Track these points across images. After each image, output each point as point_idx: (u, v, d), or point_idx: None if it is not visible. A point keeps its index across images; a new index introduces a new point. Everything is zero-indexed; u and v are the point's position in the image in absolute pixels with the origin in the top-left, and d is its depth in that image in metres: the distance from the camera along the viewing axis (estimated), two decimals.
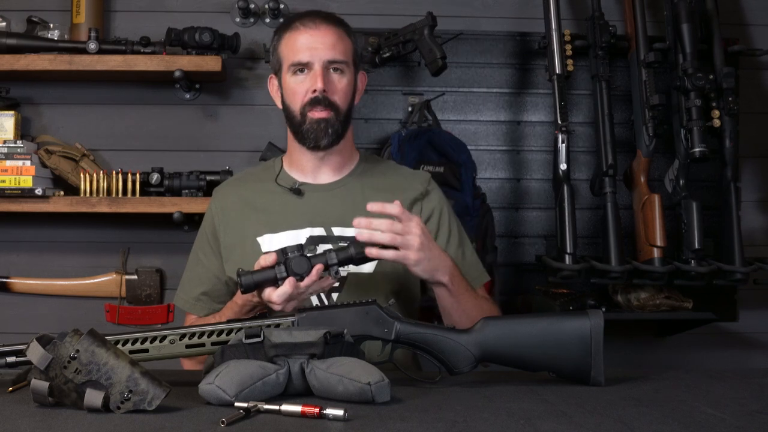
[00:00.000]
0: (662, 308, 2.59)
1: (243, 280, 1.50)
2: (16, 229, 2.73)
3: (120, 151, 2.75)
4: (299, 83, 1.75)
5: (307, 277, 1.50)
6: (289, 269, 1.50)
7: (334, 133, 1.75)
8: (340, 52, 1.76)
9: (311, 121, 1.74)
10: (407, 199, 1.81)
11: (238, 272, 1.52)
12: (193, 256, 1.90)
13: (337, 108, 1.75)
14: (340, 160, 1.83)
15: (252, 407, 1.15)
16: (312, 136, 1.75)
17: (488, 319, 1.43)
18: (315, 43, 1.74)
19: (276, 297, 1.50)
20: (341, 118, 1.76)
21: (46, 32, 2.65)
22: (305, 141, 1.77)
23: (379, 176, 1.87)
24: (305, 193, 1.82)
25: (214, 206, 1.88)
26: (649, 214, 2.50)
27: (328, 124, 1.74)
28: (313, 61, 1.74)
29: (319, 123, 1.74)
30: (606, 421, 1.14)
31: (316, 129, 1.74)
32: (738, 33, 2.83)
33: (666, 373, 1.55)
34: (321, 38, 1.75)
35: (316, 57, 1.73)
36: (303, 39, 1.75)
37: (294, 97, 1.76)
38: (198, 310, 1.85)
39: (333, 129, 1.75)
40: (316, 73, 1.73)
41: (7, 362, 1.34)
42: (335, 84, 1.75)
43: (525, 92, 2.81)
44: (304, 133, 1.76)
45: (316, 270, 1.51)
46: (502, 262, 2.73)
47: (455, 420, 1.14)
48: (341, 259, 1.52)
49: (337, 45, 1.75)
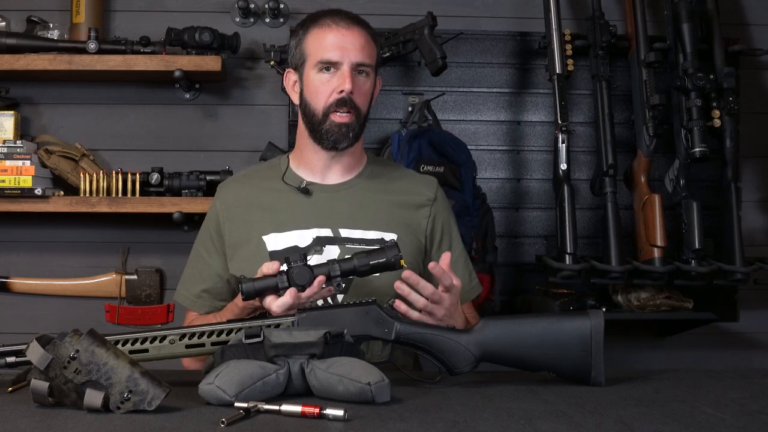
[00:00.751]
0: (662, 308, 2.59)
1: (244, 288, 1.50)
2: (15, 229, 2.73)
3: (120, 151, 2.75)
4: (324, 82, 1.74)
5: (309, 288, 1.49)
6: (291, 279, 1.49)
7: (354, 136, 1.76)
8: (368, 55, 1.76)
9: (332, 123, 1.74)
10: (414, 204, 1.83)
11: (239, 279, 1.52)
12: (194, 252, 1.88)
13: (359, 111, 1.75)
14: (350, 162, 1.83)
15: (252, 407, 1.15)
16: (332, 138, 1.75)
17: (488, 319, 1.44)
18: (345, 43, 1.74)
19: (276, 307, 1.49)
20: (361, 122, 1.77)
21: (45, 32, 2.65)
22: (322, 141, 1.77)
23: (387, 179, 1.87)
24: (313, 192, 1.81)
25: (219, 203, 1.87)
26: (650, 214, 2.50)
27: (349, 128, 1.74)
28: (342, 62, 1.73)
29: (340, 127, 1.74)
30: (606, 422, 1.14)
31: (336, 132, 1.74)
32: (738, 33, 2.83)
33: (666, 373, 1.55)
34: (351, 39, 1.74)
35: (346, 57, 1.73)
36: (333, 37, 1.74)
37: (317, 95, 1.75)
38: (199, 307, 1.84)
39: (353, 133, 1.75)
40: (344, 74, 1.72)
41: (7, 362, 1.34)
42: (360, 86, 1.75)
43: (525, 92, 2.81)
44: (323, 133, 1.75)
45: (318, 282, 1.50)
46: (502, 262, 2.72)
47: (455, 420, 1.14)
48: (344, 270, 1.51)
49: (365, 48, 1.75)
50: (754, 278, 2.57)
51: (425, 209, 1.84)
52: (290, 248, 1.75)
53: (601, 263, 2.46)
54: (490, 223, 2.58)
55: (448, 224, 1.87)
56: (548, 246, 2.73)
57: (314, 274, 1.50)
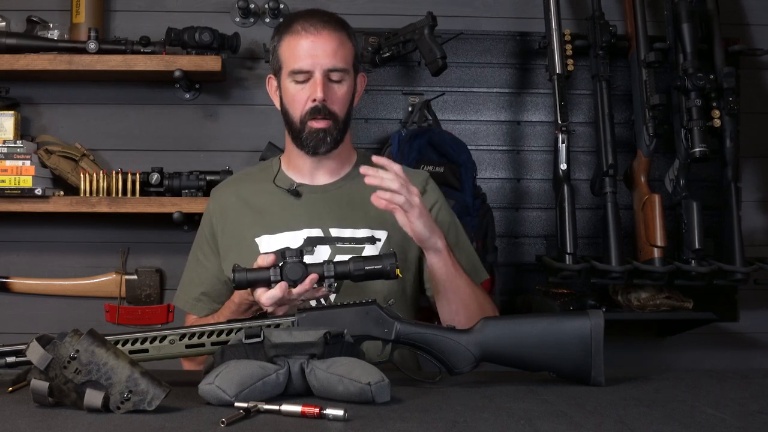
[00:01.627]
0: (662, 308, 2.59)
1: (236, 276, 1.50)
2: (15, 229, 2.73)
3: (120, 151, 2.75)
4: (299, 91, 1.75)
5: (300, 285, 1.49)
6: (284, 274, 1.49)
7: (333, 141, 1.76)
8: (341, 59, 1.75)
9: (310, 130, 1.75)
10: None
11: (233, 267, 1.52)
12: (192, 256, 1.90)
13: (336, 117, 1.75)
14: (337, 163, 1.84)
15: (252, 407, 1.15)
16: (311, 144, 1.76)
17: (488, 319, 1.44)
18: (316, 50, 1.73)
19: (265, 299, 1.49)
20: (340, 126, 1.77)
21: (45, 32, 2.65)
22: (303, 147, 1.78)
23: None
24: (303, 194, 1.82)
25: (212, 206, 1.88)
26: (650, 214, 2.50)
27: (327, 133, 1.75)
28: (313, 69, 1.73)
29: (318, 132, 1.74)
30: (606, 421, 1.14)
31: (315, 138, 1.75)
32: (738, 33, 2.83)
33: (666, 373, 1.55)
34: (322, 45, 1.73)
35: (317, 65, 1.73)
36: (304, 45, 1.73)
37: (293, 105, 1.76)
38: (198, 310, 1.85)
39: (332, 137, 1.76)
40: (316, 82, 1.73)
41: (7, 362, 1.34)
42: (335, 93, 1.75)
43: (525, 92, 2.81)
44: (303, 139, 1.76)
45: (310, 279, 1.49)
46: (502, 262, 2.72)
47: (455, 420, 1.14)
48: (338, 272, 1.50)
49: (338, 51, 1.75)
50: (754, 278, 2.57)
51: None
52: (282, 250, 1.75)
53: (601, 263, 2.46)
54: (490, 223, 2.58)
55: (441, 211, 1.83)
56: (548, 246, 2.73)
57: (307, 272, 1.50)
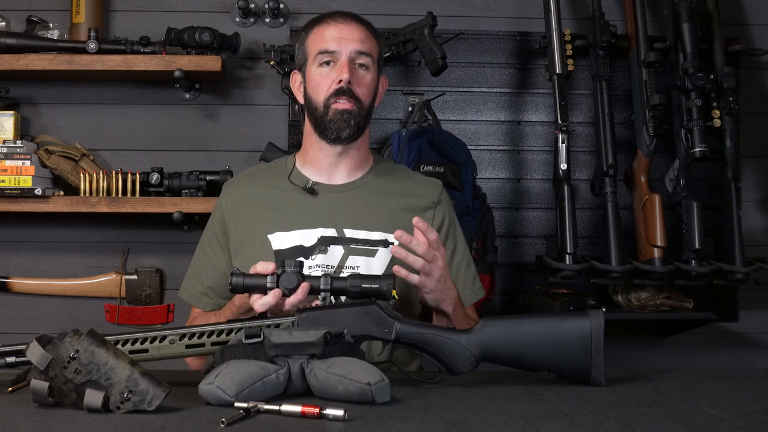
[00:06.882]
0: (663, 308, 2.59)
1: (233, 280, 1.50)
2: (16, 229, 2.73)
3: (120, 151, 2.75)
4: (324, 75, 1.76)
5: (293, 295, 1.47)
6: (279, 282, 1.49)
7: (356, 125, 1.76)
8: (368, 47, 1.78)
9: (334, 111, 1.75)
10: (419, 206, 1.83)
11: (231, 271, 1.52)
12: (200, 249, 1.89)
13: (361, 102, 1.76)
14: (357, 158, 1.84)
15: (252, 407, 1.15)
16: (334, 127, 1.76)
17: (488, 319, 1.43)
18: (343, 34, 1.77)
19: (258, 305, 1.49)
20: (363, 113, 1.77)
21: (45, 32, 2.65)
22: (326, 133, 1.77)
23: (393, 180, 1.87)
24: (319, 192, 1.81)
25: (225, 200, 1.87)
26: (650, 214, 2.50)
27: (351, 115, 1.75)
28: (340, 51, 1.75)
29: (342, 114, 1.75)
30: (606, 422, 1.14)
31: (338, 120, 1.75)
32: (738, 33, 2.83)
33: (666, 373, 1.55)
34: (349, 31, 1.77)
35: (344, 47, 1.76)
36: (331, 31, 1.78)
37: (318, 89, 1.77)
38: (203, 304, 1.84)
39: (355, 121, 1.76)
40: (342, 64, 1.75)
41: (7, 362, 1.34)
42: (360, 78, 1.77)
43: (525, 92, 2.81)
44: (327, 123, 1.76)
45: (302, 289, 1.47)
46: (502, 262, 2.72)
47: (455, 420, 1.14)
48: (335, 288, 1.48)
49: (365, 40, 1.78)
50: (754, 278, 2.57)
51: (429, 212, 1.84)
52: (295, 248, 1.75)
53: (601, 263, 2.46)
54: (490, 223, 2.58)
55: (452, 227, 1.87)
56: (548, 246, 2.73)
57: (301, 281, 1.48)
